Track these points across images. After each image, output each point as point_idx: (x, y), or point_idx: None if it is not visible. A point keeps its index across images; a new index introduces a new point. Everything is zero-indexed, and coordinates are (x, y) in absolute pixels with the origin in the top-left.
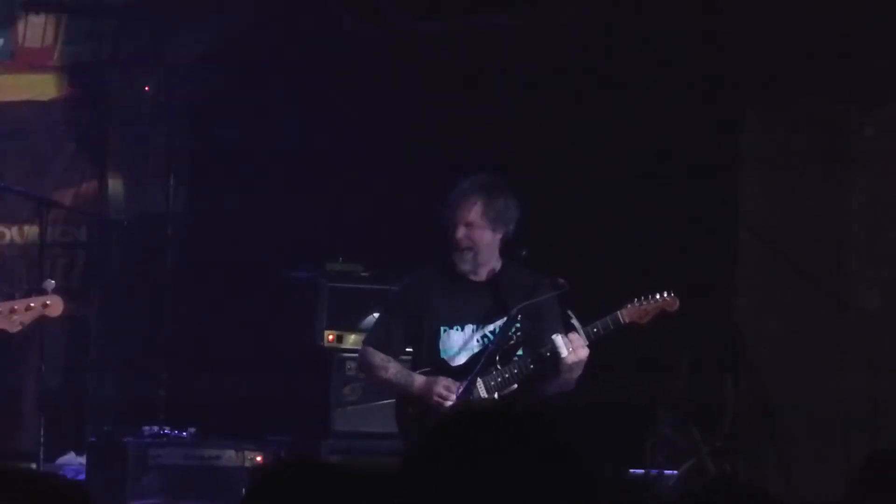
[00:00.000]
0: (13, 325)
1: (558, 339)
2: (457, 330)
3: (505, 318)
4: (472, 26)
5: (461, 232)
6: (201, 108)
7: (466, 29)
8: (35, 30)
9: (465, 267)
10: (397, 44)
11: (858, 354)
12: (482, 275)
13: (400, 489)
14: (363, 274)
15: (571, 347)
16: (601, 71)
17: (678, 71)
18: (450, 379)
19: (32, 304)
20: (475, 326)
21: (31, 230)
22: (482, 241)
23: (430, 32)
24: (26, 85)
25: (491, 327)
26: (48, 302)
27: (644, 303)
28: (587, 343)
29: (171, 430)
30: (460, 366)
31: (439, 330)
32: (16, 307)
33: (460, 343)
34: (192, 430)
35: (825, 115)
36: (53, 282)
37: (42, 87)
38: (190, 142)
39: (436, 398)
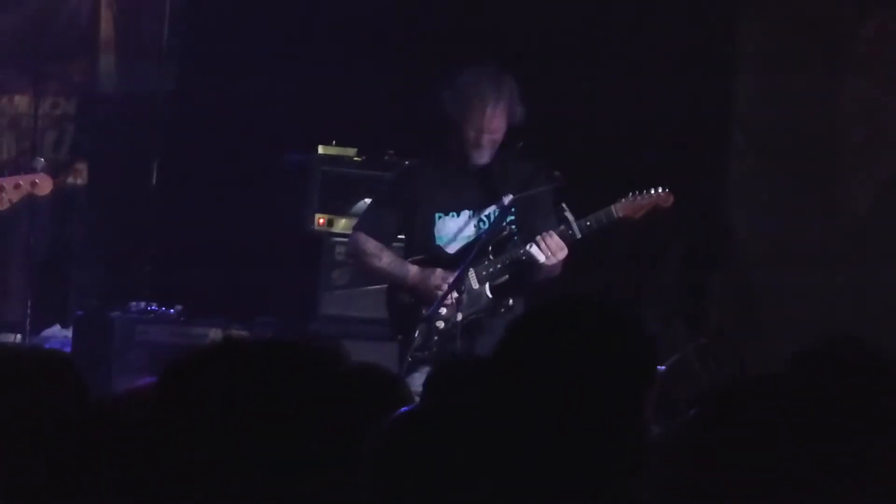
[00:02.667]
0: (2, 203)
1: (533, 247)
2: (452, 216)
3: (498, 207)
4: None
5: (486, 138)
6: None
7: None
8: None
9: (482, 161)
10: None
11: (846, 255)
12: (478, 161)
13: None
14: (356, 159)
15: (549, 251)
16: None
17: None
18: (443, 270)
19: (21, 183)
20: (471, 213)
21: (22, 100)
22: (499, 127)
23: None
24: None
25: (486, 213)
26: (37, 181)
27: (638, 197)
28: (568, 242)
29: (159, 306)
30: (455, 253)
31: (434, 216)
32: (4, 185)
33: (455, 229)
34: (179, 307)
35: (822, 16)
36: (43, 160)
37: None
38: (184, 19)
39: (429, 288)
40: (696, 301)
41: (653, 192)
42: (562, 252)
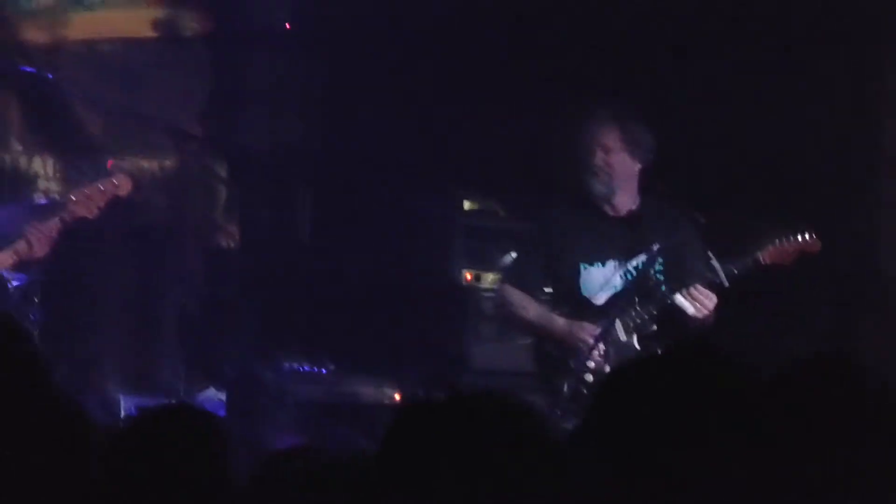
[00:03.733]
0: (91, 210)
1: (679, 298)
2: (598, 266)
3: (645, 256)
4: None
5: (599, 157)
6: (337, 41)
7: None
8: None
9: (602, 190)
10: None
11: None
12: (621, 209)
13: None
14: (500, 212)
15: (697, 302)
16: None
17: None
18: (591, 325)
19: (102, 188)
20: (617, 263)
21: (175, 162)
22: (621, 166)
23: None
24: (160, 20)
25: (634, 263)
26: (115, 182)
27: (785, 243)
28: (715, 290)
29: (311, 365)
30: (602, 304)
31: (579, 267)
32: (88, 193)
33: (602, 280)
34: (331, 366)
35: None
36: (117, 162)
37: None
38: (324, 76)
39: (578, 341)
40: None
41: (799, 237)
42: (710, 302)
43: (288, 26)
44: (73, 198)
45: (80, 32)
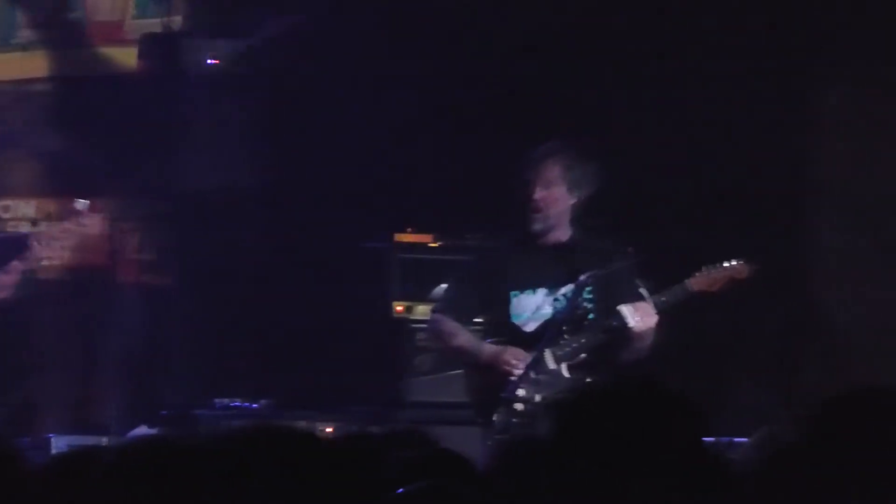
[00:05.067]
0: (55, 251)
1: (624, 308)
2: (528, 294)
3: (574, 284)
4: None
5: (539, 192)
6: (271, 81)
7: None
8: (105, 2)
9: (538, 227)
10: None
11: None
12: (553, 240)
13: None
14: (433, 245)
15: (639, 316)
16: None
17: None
18: (518, 349)
19: (68, 226)
20: (547, 290)
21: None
22: (558, 200)
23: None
24: (100, 59)
25: (563, 290)
26: (83, 221)
27: (713, 270)
28: (656, 311)
29: (243, 401)
30: (532, 332)
31: (509, 294)
32: (54, 233)
33: (532, 307)
34: (264, 401)
35: None
36: (84, 201)
37: (116, 60)
38: (261, 115)
39: (504, 368)
40: (790, 371)
41: (726, 264)
42: (651, 318)
43: (217, 62)
44: (38, 241)
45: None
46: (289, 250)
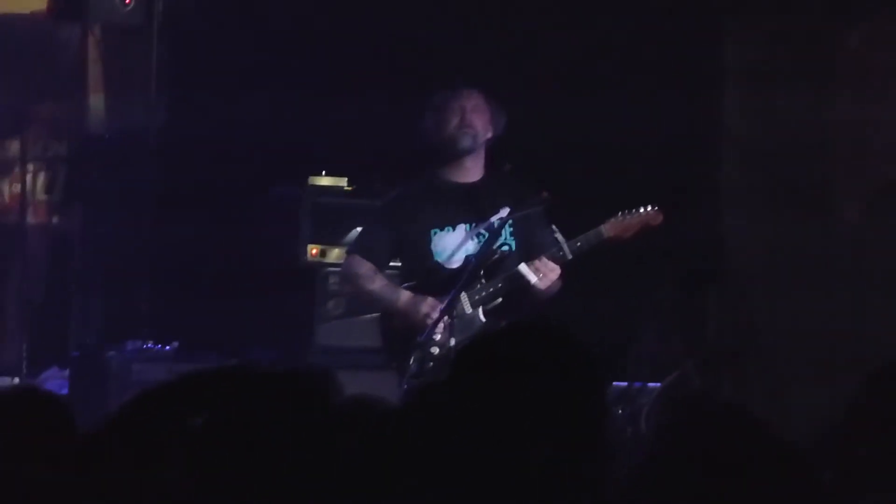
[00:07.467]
0: None
1: (523, 267)
2: (448, 231)
3: (494, 222)
4: None
5: (463, 116)
6: (183, 22)
7: None
8: None
9: (468, 143)
10: None
11: (843, 268)
12: (468, 178)
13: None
14: (347, 188)
15: (540, 273)
16: None
17: None
18: (434, 299)
19: None
20: (468, 226)
21: (12, 144)
22: (480, 125)
23: None
24: None
25: (485, 225)
26: None
27: (627, 216)
28: (560, 263)
29: (154, 344)
30: (449, 274)
31: (430, 232)
32: None
33: (454, 245)
34: (176, 344)
35: (808, 28)
36: None
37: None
38: (172, 55)
39: (421, 316)
40: (694, 317)
41: (641, 210)
42: (553, 273)
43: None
44: None
45: None
46: (202, 193)
